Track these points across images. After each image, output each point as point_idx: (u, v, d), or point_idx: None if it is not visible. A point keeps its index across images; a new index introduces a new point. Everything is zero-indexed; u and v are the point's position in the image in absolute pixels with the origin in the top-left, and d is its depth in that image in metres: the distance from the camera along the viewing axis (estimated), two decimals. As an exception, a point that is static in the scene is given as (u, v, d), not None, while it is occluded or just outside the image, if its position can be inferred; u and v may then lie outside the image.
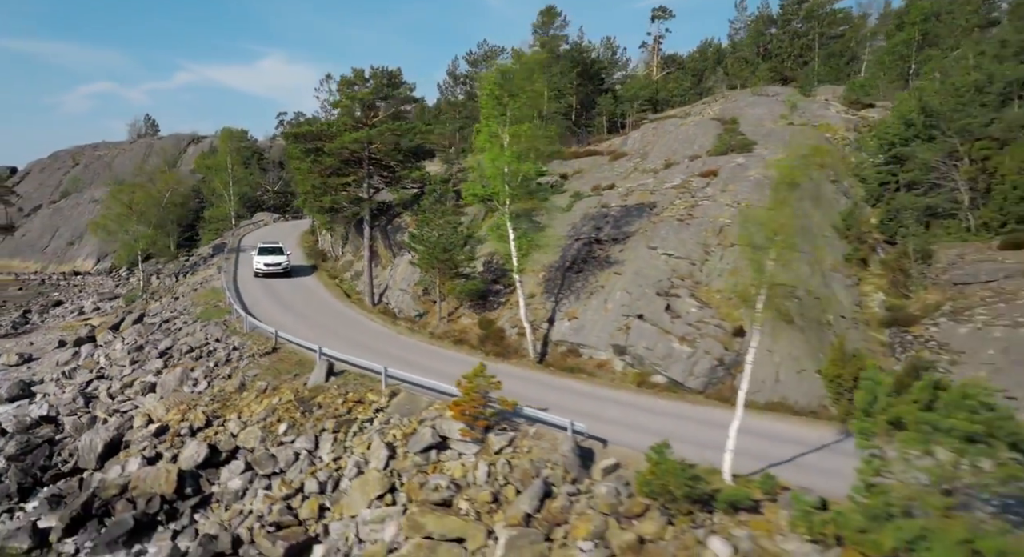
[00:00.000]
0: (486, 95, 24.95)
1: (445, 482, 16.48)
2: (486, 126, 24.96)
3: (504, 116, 24.70)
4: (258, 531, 16.66)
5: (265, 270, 40.37)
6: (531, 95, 25.54)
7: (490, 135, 24.82)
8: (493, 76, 24.98)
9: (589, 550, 13.66)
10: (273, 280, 39.71)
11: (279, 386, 22.34)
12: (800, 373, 21.37)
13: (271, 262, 40.54)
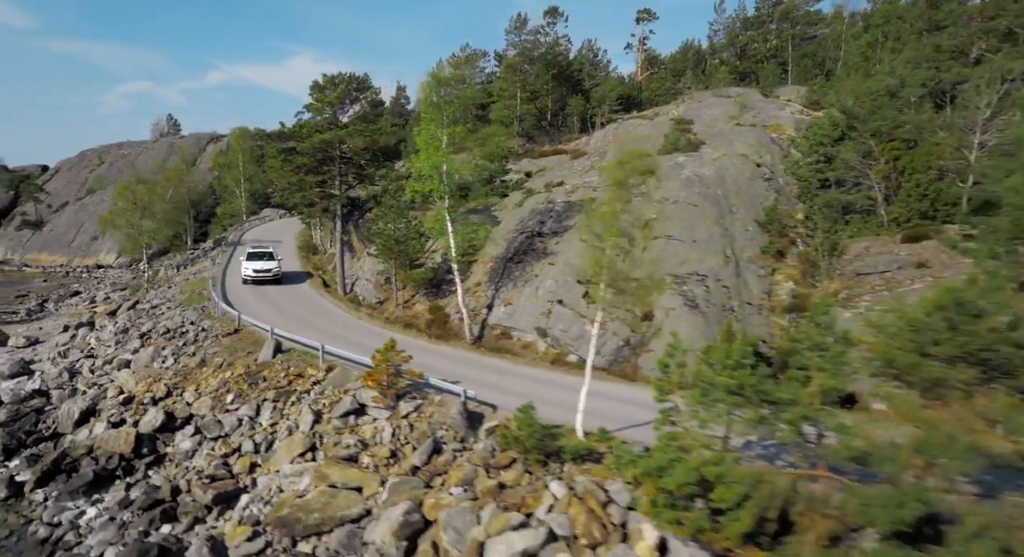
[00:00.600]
0: (424, 100, 27.23)
1: (354, 441, 18.80)
2: (425, 128, 27.23)
3: (441, 119, 26.95)
4: (195, 482, 19.11)
5: (254, 277, 37.58)
6: (464, 100, 27.68)
7: (428, 136, 27.07)
8: (430, 83, 27.19)
9: (457, 494, 15.89)
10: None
11: (234, 362, 24.82)
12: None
13: (261, 268, 37.84)
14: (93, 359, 30.22)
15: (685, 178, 31.36)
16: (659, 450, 13.05)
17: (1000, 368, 10.40)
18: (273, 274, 37.99)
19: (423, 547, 14.70)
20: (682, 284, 25.80)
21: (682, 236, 27.95)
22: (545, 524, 14.06)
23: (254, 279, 37.61)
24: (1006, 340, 10.37)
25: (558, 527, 13.90)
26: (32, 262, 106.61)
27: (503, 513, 14.62)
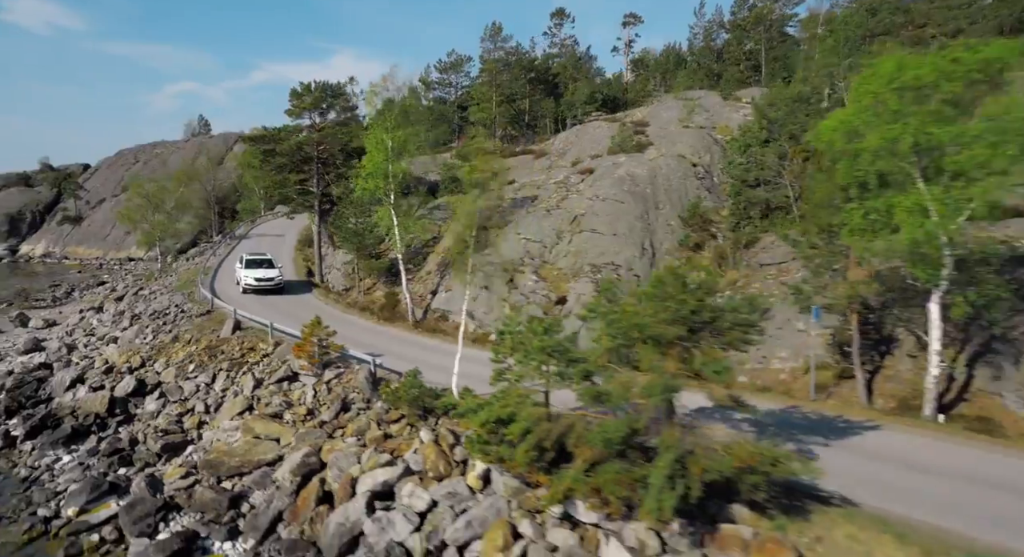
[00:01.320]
0: (371, 106, 30.19)
1: (280, 402, 21.88)
2: (373, 133, 30.15)
3: (386, 124, 29.83)
4: (151, 435, 22.39)
5: (255, 286, 34.15)
6: (406, 107, 30.52)
7: (376, 141, 29.99)
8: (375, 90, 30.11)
9: (351, 442, 18.83)
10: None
11: (200, 338, 28.08)
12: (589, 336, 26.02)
13: (263, 277, 34.57)
14: (91, 337, 33.88)
15: (618, 177, 33.84)
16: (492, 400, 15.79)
17: (705, 328, 13.02)
18: (275, 282, 34.73)
19: (313, 482, 17.66)
20: (596, 272, 28.36)
21: (605, 230, 30.49)
22: (405, 462, 16.95)
23: (255, 289, 34.32)
24: (706, 306, 13.01)
25: (414, 464, 16.76)
26: (71, 255, 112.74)
27: (377, 455, 17.54)
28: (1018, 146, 14.04)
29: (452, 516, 14.84)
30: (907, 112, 15.10)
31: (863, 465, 14.69)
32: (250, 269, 35.02)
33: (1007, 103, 14.26)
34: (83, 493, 18.87)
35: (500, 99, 50.89)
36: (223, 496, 17.90)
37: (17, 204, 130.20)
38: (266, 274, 34.53)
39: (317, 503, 16.85)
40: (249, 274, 34.60)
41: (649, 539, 12.61)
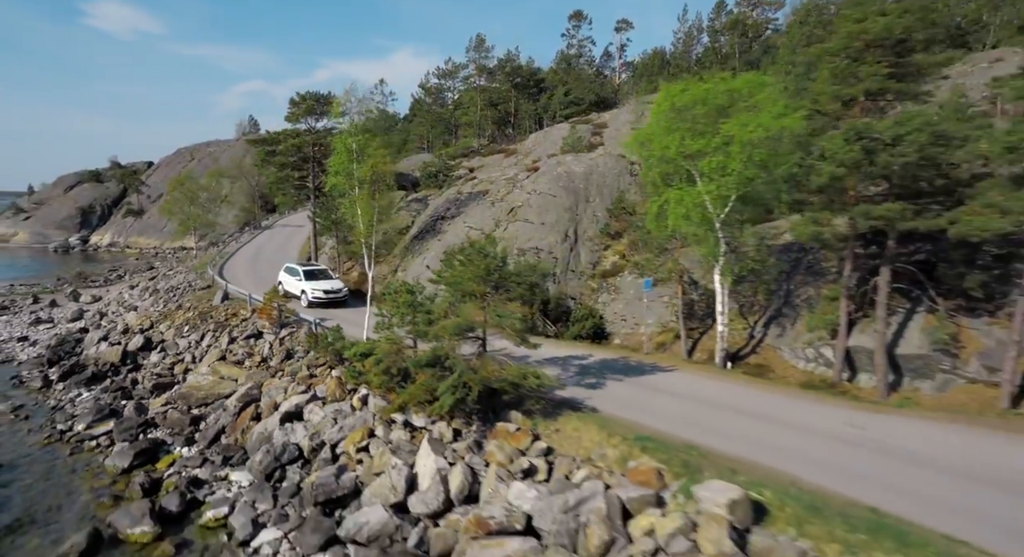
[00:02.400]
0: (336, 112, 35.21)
1: (243, 352, 27.31)
2: (339, 138, 35.18)
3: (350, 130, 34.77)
4: (148, 378, 28.13)
5: (325, 298, 31.63)
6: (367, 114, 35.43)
7: (342, 143, 35.01)
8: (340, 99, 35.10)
9: (285, 380, 24.02)
10: (258, 248, 51.05)
11: (197, 306, 33.84)
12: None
13: (331, 289, 32.02)
14: (120, 307, 40.20)
15: (556, 174, 38.18)
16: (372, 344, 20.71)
17: (501, 286, 17.63)
18: (343, 294, 32.58)
19: (250, 407, 22.91)
20: (520, 255, 32.90)
21: (536, 220, 34.97)
22: (314, 392, 22.06)
23: (323, 302, 31.77)
24: (501, 271, 17.60)
25: (320, 393, 21.82)
26: (132, 244, 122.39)
27: (298, 387, 22.71)
28: (745, 155, 18.17)
29: (332, 424, 19.85)
30: (675, 127, 19.31)
31: (635, 392, 19.06)
32: (313, 281, 32.24)
33: (738, 121, 18.33)
34: (90, 415, 24.56)
35: (483, 103, 55.50)
36: (187, 417, 23.39)
37: (88, 199, 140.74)
38: (333, 286, 32.03)
39: (250, 421, 22.14)
40: (316, 287, 31.81)
41: (448, 433, 17.38)
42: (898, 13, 16.82)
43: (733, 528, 11.47)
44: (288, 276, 33.54)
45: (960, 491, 12.28)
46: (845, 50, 17.84)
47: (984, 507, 11.62)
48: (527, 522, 13.35)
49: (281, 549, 15.25)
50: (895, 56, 18.19)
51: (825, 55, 18.68)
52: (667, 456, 14.17)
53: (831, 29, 23.77)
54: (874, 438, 15.10)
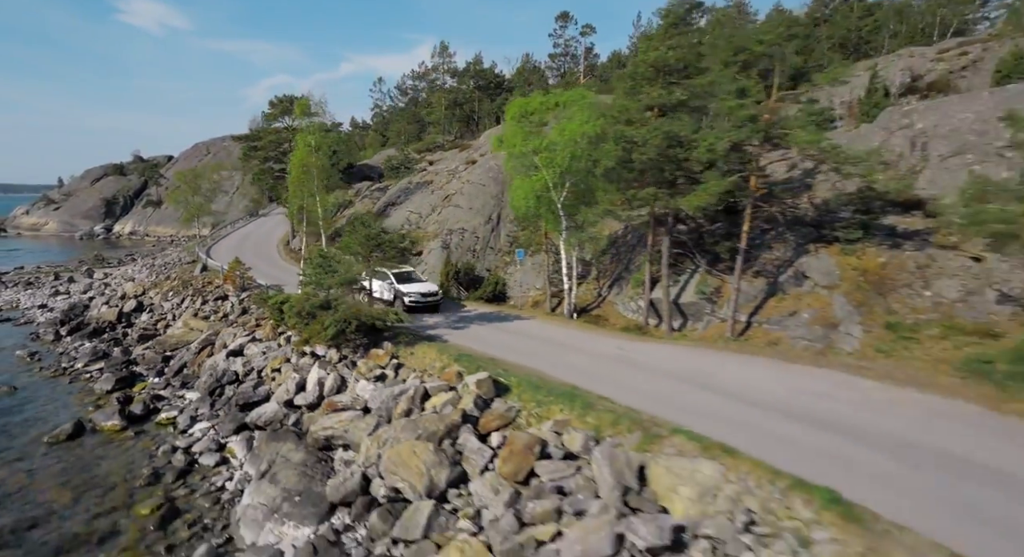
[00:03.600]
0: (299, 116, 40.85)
1: (210, 309, 33.13)
2: (301, 138, 40.85)
3: (308, 130, 40.44)
4: (136, 332, 34.02)
5: (423, 302, 28.05)
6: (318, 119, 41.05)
7: (303, 142, 40.69)
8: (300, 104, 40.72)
9: (238, 328, 29.77)
10: (247, 233, 56.63)
11: (181, 277, 39.73)
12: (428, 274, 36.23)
13: (427, 292, 28.37)
14: (122, 279, 46.27)
15: (488, 166, 43.53)
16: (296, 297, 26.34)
17: (378, 249, 23.17)
18: (439, 297, 28.90)
19: (206, 348, 28.68)
20: (448, 235, 38.38)
21: (465, 205, 40.39)
22: (255, 336, 27.77)
23: (420, 306, 28.13)
24: (380, 238, 23.12)
25: (258, 336, 27.54)
26: (151, 233, 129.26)
27: (243, 333, 28.45)
28: (568, 153, 23.50)
29: (261, 356, 25.52)
30: (520, 130, 24.65)
31: (484, 332, 24.47)
32: (406, 284, 28.75)
33: (558, 127, 23.65)
34: (87, 357, 30.41)
35: (447, 103, 60.73)
36: (160, 356, 29.19)
37: (112, 190, 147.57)
38: (429, 289, 28.50)
39: (206, 358, 27.88)
40: (412, 290, 28.25)
41: (336, 356, 22.96)
42: (665, 49, 22.02)
43: (480, 397, 16.98)
44: (376, 280, 28.79)
45: (651, 382, 17.57)
46: (633, 75, 23.06)
47: (658, 390, 16.91)
48: (365, 405, 18.95)
49: (208, 434, 20.90)
50: (685, 77, 23.43)
51: (624, 77, 23.91)
52: (471, 365, 19.60)
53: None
54: (627, 356, 20.47)
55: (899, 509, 10.23)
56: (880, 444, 12.88)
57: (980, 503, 10.48)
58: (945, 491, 10.91)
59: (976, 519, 10.00)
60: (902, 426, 13.80)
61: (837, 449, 12.75)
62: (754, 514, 11.02)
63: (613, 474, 12.65)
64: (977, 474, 11.46)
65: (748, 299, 22.44)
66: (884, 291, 20.04)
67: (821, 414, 14.67)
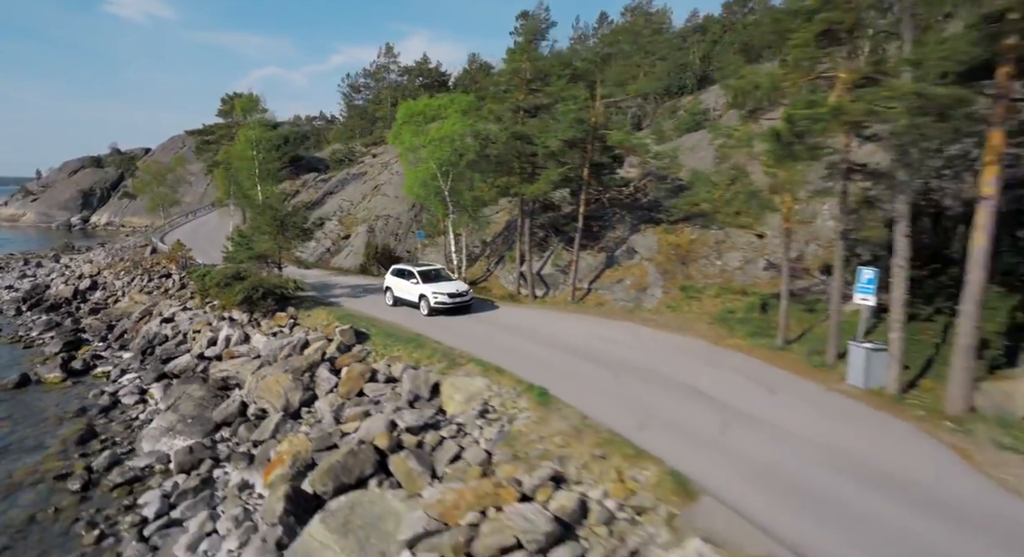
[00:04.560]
0: (240, 113, 44.25)
1: (154, 286, 36.65)
2: (242, 132, 44.26)
3: (249, 126, 43.86)
4: (88, 306, 37.41)
5: (451, 304, 24.16)
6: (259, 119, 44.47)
7: (244, 137, 44.11)
8: (241, 103, 44.13)
9: (174, 300, 33.34)
10: (204, 221, 59.68)
11: (133, 258, 43.07)
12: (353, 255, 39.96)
13: (455, 292, 24.44)
14: (83, 262, 49.45)
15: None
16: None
17: (285, 228, 26.88)
18: (469, 298, 24.95)
19: (145, 317, 32.24)
20: (375, 221, 42.10)
21: (391, 194, 44.12)
22: (185, 305, 31.38)
23: (447, 308, 24.21)
24: (287, 218, 26.83)
25: (189, 305, 31.18)
26: (126, 224, 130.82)
27: (176, 303, 32.05)
28: (446, 147, 27.35)
29: (188, 321, 29.16)
30: (409, 128, 28.52)
31: (377, 298, 28.33)
32: (431, 283, 24.88)
33: (440, 126, 27.58)
34: (42, 327, 33.76)
35: (392, 100, 64.15)
36: (104, 325, 32.68)
37: (89, 182, 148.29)
38: (457, 288, 24.57)
39: (144, 325, 31.45)
40: (437, 290, 24.32)
41: (246, 318, 26.69)
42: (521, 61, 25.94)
43: (343, 343, 20.87)
44: (399, 279, 25.95)
45: (488, 332, 21.37)
46: (498, 82, 26.98)
47: (488, 337, 20.77)
48: (258, 354, 22.75)
49: (134, 382, 24.51)
50: (545, 85, 27.37)
51: (492, 85, 27.83)
52: (350, 322, 23.43)
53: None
54: (485, 316, 24.43)
55: (581, 399, 14.26)
56: (612, 366, 16.96)
57: (638, 395, 14.59)
58: (624, 391, 14.99)
59: (623, 401, 14.07)
60: (643, 356, 17.91)
61: (580, 369, 16.81)
62: (492, 407, 15.06)
63: (412, 388, 16.64)
64: (658, 379, 15.59)
65: (591, 270, 26.53)
66: (687, 262, 24.21)
67: (592, 350, 18.74)
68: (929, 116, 10.65)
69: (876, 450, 11.22)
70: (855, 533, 8.85)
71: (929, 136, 11.19)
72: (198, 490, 15.51)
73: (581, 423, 13.08)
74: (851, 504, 9.60)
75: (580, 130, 23.47)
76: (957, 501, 9.56)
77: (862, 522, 9.15)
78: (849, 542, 8.67)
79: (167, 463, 17.29)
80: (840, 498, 9.76)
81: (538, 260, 28.76)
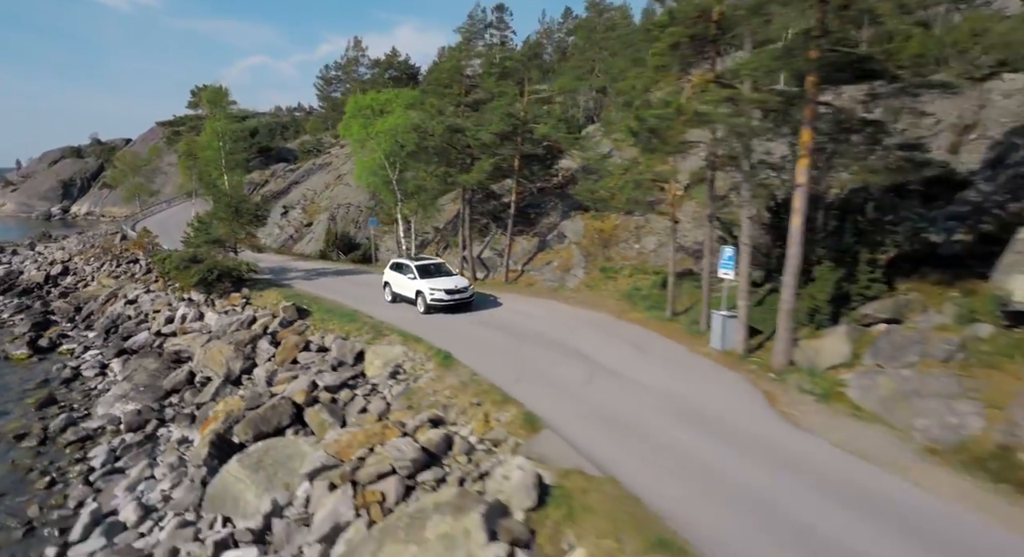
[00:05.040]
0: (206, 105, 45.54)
1: (122, 271, 38.11)
2: (209, 123, 45.58)
3: (215, 118, 45.17)
4: (58, 290, 38.79)
5: (448, 301, 22.07)
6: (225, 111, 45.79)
7: (212, 130, 45.42)
8: (206, 95, 45.42)
9: (140, 283, 34.86)
10: (178, 211, 60.92)
11: (104, 245, 44.40)
12: (314, 241, 41.61)
13: (454, 288, 22.32)
14: (56, 249, 50.65)
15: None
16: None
17: (240, 214, 28.56)
18: (470, 295, 22.74)
19: (111, 299, 33.75)
20: (336, 208, 43.72)
21: (353, 184, 45.66)
22: (149, 287, 32.95)
23: (444, 305, 22.18)
24: (242, 206, 28.49)
25: (152, 288, 32.75)
26: (106, 213, 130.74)
27: (140, 286, 33.59)
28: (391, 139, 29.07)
29: (150, 302, 30.74)
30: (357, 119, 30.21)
31: (327, 281, 30.00)
32: (429, 278, 22.81)
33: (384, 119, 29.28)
34: (12, 310, 35.19)
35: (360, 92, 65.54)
36: (72, 307, 34.16)
37: (70, 172, 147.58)
38: (456, 284, 22.53)
39: (109, 307, 32.99)
40: (435, 286, 22.31)
41: (202, 298, 28.39)
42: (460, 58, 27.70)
43: (285, 319, 22.67)
44: (397, 274, 24.04)
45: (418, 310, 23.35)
46: (438, 79, 28.74)
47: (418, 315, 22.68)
48: (210, 329, 24.48)
49: (96, 358, 26.13)
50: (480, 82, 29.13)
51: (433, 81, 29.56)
52: (296, 300, 25.18)
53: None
54: (419, 294, 26.21)
55: (478, 361, 16.17)
56: (519, 336, 18.89)
57: (528, 358, 16.58)
58: (518, 355, 16.95)
59: (512, 362, 16.04)
60: (549, 327, 19.87)
61: (490, 338, 18.73)
62: (403, 369, 16.98)
63: (338, 355, 18.53)
64: (553, 346, 17.57)
65: (526, 253, 28.48)
66: (609, 245, 26.23)
67: (507, 323, 20.67)
68: (744, 117, 12.63)
69: (702, 396, 13.29)
70: (649, 452, 10.89)
71: (751, 133, 13.16)
72: (142, 444, 17.31)
73: (470, 379, 15.05)
74: (658, 433, 11.65)
75: (509, 123, 25.30)
76: (745, 431, 11.63)
77: (661, 446, 11.20)
78: (642, 457, 10.72)
79: (118, 425, 19.00)
80: (652, 430, 11.81)
81: (480, 245, 30.66)
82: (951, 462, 10.01)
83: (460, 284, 22.75)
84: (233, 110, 45.30)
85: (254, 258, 31.84)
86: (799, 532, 8.48)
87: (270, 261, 35.75)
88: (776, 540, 8.34)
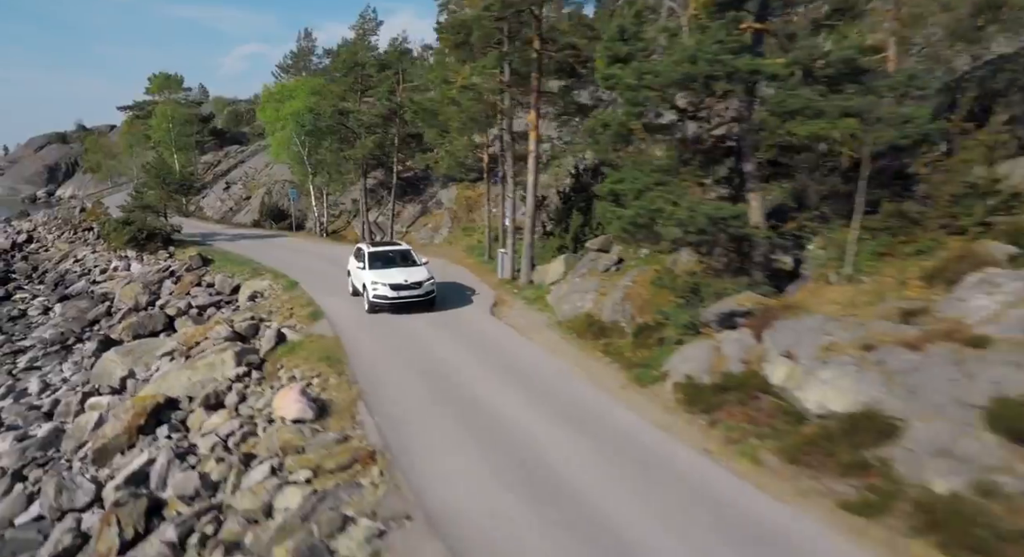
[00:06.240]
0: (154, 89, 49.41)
1: (77, 237, 42.23)
2: (160, 109, 49.46)
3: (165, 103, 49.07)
4: (20, 255, 42.87)
5: (395, 299, 17.12)
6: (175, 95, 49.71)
7: (162, 114, 49.32)
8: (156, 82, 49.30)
9: (89, 246, 39.05)
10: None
11: (66, 216, 48.38)
12: (251, 212, 45.92)
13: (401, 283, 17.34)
14: (25, 222, 54.53)
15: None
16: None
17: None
18: (427, 291, 17.54)
19: (63, 258, 37.91)
20: (273, 184, 47.87)
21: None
22: (94, 247, 37.16)
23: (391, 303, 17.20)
24: (165, 173, 32.76)
25: (97, 249, 36.99)
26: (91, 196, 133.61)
27: (91, 251, 37.80)
28: (295, 121, 33.37)
29: (93, 261, 34.98)
30: (271, 104, 34.51)
31: (247, 244, 34.45)
32: (378, 270, 17.90)
33: (289, 104, 33.52)
34: (-22, 270, 39.31)
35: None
36: (31, 267, 38.37)
37: (55, 157, 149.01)
38: (408, 277, 17.57)
39: (60, 265, 37.18)
40: (379, 279, 17.46)
41: (134, 255, 32.68)
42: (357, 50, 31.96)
43: (190, 266, 27.13)
44: (355, 262, 19.75)
45: (306, 260, 27.79)
46: (339, 66, 33.12)
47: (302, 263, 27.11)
48: (134, 277, 28.87)
49: (41, 302, 30.39)
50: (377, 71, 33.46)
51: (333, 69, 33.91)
52: (207, 254, 29.59)
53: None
54: (318, 251, 30.73)
55: (315, 287, 20.72)
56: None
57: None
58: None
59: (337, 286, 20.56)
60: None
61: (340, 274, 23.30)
62: (261, 294, 21.55)
63: (219, 287, 23.07)
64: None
65: (412, 217, 33.05)
66: (472, 209, 30.82)
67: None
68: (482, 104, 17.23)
69: (453, 297, 17.98)
70: (379, 326, 15.56)
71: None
72: (60, 352, 21.77)
73: (300, 295, 19.66)
74: (400, 319, 16.30)
75: (385, 108, 29.75)
76: (462, 320, 16.33)
77: (392, 323, 15.85)
78: (371, 329, 15.37)
79: (48, 344, 23.42)
80: (399, 318, 16.46)
81: (377, 212, 35.18)
82: (563, 328, 14.77)
83: (413, 277, 17.45)
84: (184, 97, 49.18)
85: (194, 226, 36.03)
86: (434, 361, 13.18)
87: (206, 228, 39.94)
88: (407, 358, 13.05)
